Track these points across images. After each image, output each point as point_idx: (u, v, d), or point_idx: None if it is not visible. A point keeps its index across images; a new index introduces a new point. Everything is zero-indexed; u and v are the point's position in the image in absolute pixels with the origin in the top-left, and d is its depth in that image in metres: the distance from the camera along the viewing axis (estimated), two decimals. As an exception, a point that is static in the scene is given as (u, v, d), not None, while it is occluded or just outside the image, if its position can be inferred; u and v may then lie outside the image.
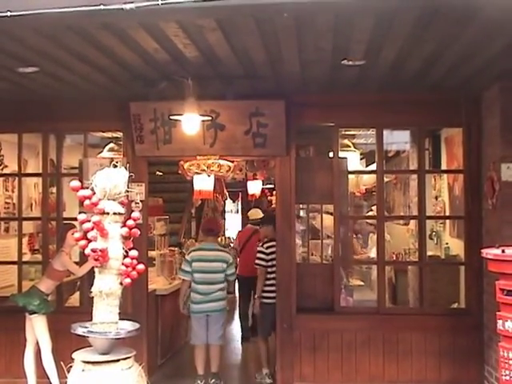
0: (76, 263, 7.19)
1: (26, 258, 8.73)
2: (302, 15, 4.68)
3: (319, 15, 4.74)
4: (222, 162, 9.49)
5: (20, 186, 8.39)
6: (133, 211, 4.83)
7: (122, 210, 4.60)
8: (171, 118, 7.32)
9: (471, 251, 7.48)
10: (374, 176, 8.65)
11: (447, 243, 8.98)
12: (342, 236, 8.14)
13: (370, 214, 10.35)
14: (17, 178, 8.57)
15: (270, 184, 11.80)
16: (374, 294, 7.98)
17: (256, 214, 11.36)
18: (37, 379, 7.16)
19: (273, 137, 7.58)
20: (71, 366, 4.65)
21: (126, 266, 4.65)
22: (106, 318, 4.54)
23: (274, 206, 10.58)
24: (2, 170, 9.16)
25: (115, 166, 4.64)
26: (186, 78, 6.60)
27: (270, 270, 8.40)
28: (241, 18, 4.80)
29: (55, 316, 7.16)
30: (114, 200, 4.55)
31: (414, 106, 7.59)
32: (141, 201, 5.52)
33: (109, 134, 9.41)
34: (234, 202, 17.40)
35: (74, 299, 8.43)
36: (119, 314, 4.79)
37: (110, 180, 4.50)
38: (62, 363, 4.81)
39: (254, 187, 12.72)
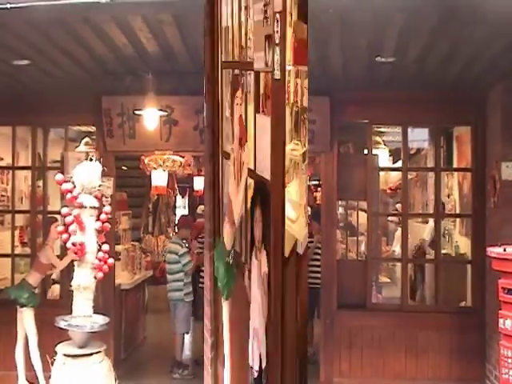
0: (57, 257, 7.79)
1: (17, 250, 9.63)
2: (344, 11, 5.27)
3: (358, 12, 5.31)
4: (174, 157, 10.43)
5: (13, 179, 9.14)
6: (104, 205, 4.78)
7: (97, 204, 4.63)
8: (135, 112, 8.09)
9: (477, 250, 8.24)
10: (398, 173, 9.72)
11: (457, 241, 9.90)
12: (374, 233, 9.07)
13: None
14: (10, 171, 9.33)
15: (316, 180, 11.86)
16: (398, 291, 9.03)
17: None
18: (26, 372, 7.74)
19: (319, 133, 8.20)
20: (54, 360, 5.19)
21: (99, 260, 4.62)
22: (84, 311, 4.55)
23: (318, 202, 10.57)
24: (-3, 162, 9.92)
25: (91, 160, 4.57)
26: (146, 73, 7.29)
27: None
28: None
29: (37, 309, 7.70)
30: (90, 194, 4.51)
31: (434, 103, 8.28)
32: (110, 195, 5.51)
33: (87, 128, 10.07)
34: (182, 197, 17.45)
35: (52, 293, 9.21)
36: (93, 307, 4.83)
37: (87, 174, 4.51)
38: (47, 356, 4.75)
39: (201, 183, 12.80)
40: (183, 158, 10.81)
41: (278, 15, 3.61)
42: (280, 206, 3.72)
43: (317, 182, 12.29)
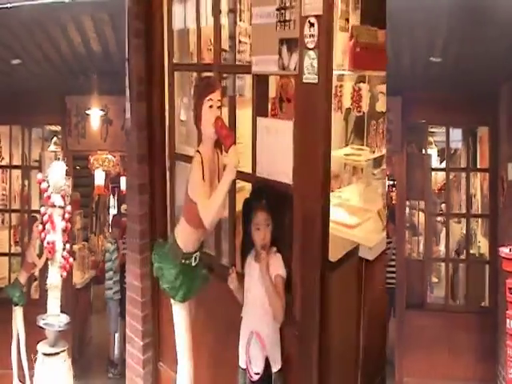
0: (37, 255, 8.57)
1: (12, 249, 10.19)
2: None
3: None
4: (109, 156, 11.07)
5: (10, 178, 9.62)
6: (66, 205, 4.82)
7: (63, 204, 4.63)
8: (86, 112, 8.54)
9: (492, 250, 8.82)
10: (443, 173, 10.56)
11: (479, 242, 10.58)
12: (430, 232, 10.09)
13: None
14: (8, 170, 9.87)
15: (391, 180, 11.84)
16: (442, 291, 9.87)
17: None
18: (18, 371, 8.27)
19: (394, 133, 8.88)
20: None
21: (64, 259, 4.67)
22: (55, 310, 4.62)
23: (394, 202, 10.73)
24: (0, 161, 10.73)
25: (58, 160, 4.59)
26: (93, 73, 7.69)
27: None
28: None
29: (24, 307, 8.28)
30: (58, 193, 4.54)
31: (463, 104, 8.37)
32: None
33: (55, 128, 10.24)
34: (113, 197, 17.47)
35: (33, 291, 9.80)
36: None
37: (57, 173, 4.62)
38: (32, 355, 4.84)
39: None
40: (115, 157, 11.57)
41: (313, 19, 3.56)
42: (315, 210, 3.64)
43: (391, 182, 12.35)
